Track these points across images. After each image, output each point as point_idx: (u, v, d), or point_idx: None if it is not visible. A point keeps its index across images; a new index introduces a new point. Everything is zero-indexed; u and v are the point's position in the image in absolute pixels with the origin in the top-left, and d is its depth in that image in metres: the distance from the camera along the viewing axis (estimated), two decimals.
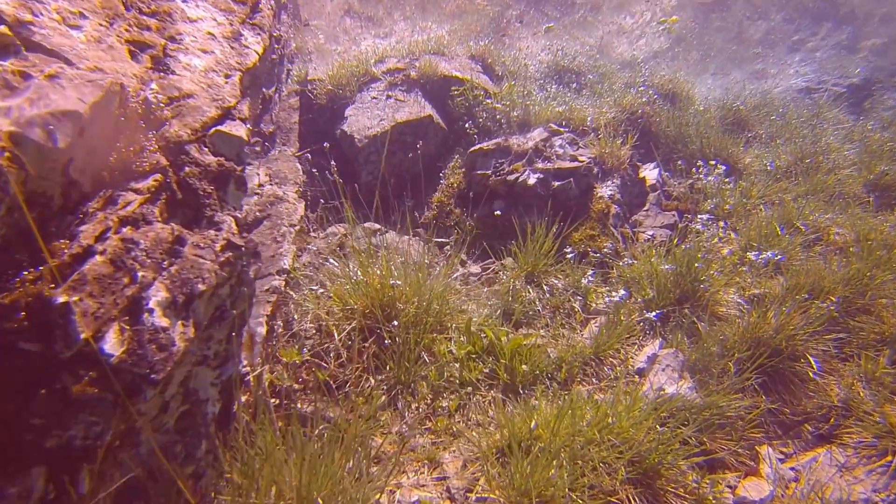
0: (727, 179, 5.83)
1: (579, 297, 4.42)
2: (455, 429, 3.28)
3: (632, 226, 5.21)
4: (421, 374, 3.55)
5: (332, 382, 3.41)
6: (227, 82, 2.52)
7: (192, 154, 2.11)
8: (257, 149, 4.76)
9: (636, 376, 3.64)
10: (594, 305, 4.35)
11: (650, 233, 5.01)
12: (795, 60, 10.33)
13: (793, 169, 6.35)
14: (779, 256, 4.47)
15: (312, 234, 5.18)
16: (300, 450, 2.34)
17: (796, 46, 10.25)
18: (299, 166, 5.02)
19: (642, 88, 6.82)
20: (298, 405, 3.30)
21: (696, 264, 4.11)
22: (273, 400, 3.33)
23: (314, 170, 5.89)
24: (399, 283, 3.77)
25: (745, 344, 3.58)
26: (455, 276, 4.17)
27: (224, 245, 2.09)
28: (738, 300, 4.09)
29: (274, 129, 5.10)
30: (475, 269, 4.87)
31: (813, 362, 3.48)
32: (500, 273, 4.67)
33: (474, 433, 3.19)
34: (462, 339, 3.77)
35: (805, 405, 3.38)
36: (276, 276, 3.96)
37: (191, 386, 2.01)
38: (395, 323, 3.62)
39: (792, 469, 3.10)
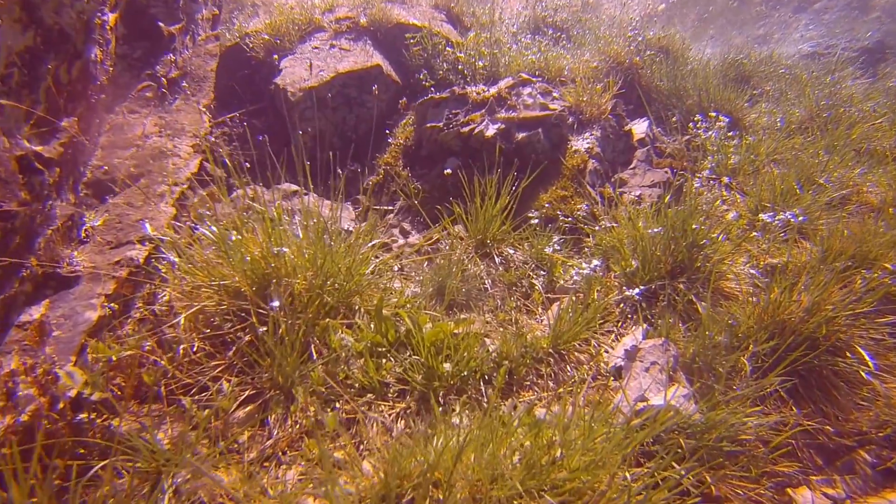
0: (731, 133, 4.55)
1: (543, 273, 3.21)
2: (339, 456, 2.10)
3: (614, 185, 3.96)
4: (310, 373, 2.37)
5: (167, 387, 2.24)
6: None
7: None
8: (147, 94, 3.59)
9: (611, 377, 2.42)
10: (561, 282, 3.13)
11: (637, 192, 3.76)
12: (801, 23, 8.90)
13: (808, 125, 5.04)
14: (800, 217, 3.21)
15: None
16: None
17: (803, 6, 8.81)
18: (205, 119, 3.84)
19: (631, 35, 5.53)
20: (116, 423, 2.14)
21: (694, 225, 2.88)
22: (83, 415, 2.17)
23: (244, 130, 4.75)
24: (286, 250, 2.59)
25: (765, 331, 2.34)
26: (372, 244, 2.97)
27: None
28: (752, 272, 2.84)
29: (179, 76, 3.92)
30: (416, 238, 3.67)
31: (866, 357, 2.24)
32: (443, 242, 3.45)
33: (366, 465, 2.01)
34: (371, 325, 2.58)
35: (858, 421, 2.15)
36: (136, 246, 2.79)
37: None
38: (276, 303, 2.45)
39: None
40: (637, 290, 2.68)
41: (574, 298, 2.77)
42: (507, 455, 1.72)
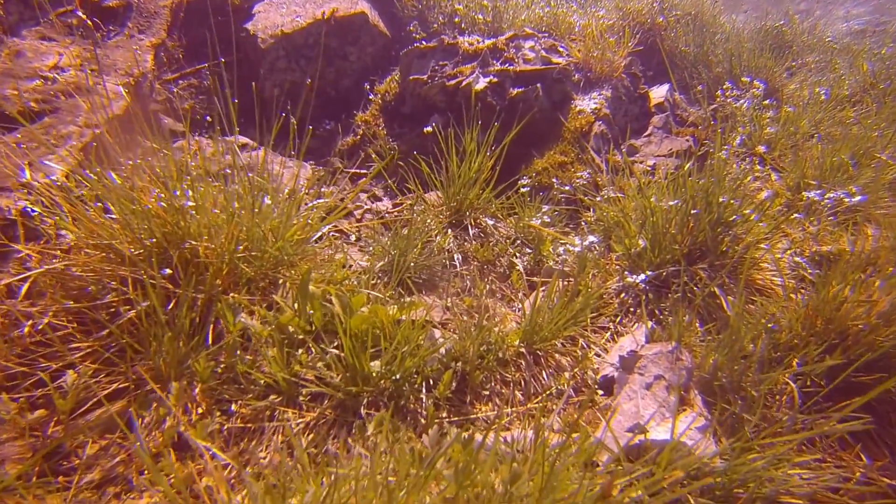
0: (767, 102, 3.77)
1: (529, 250, 2.53)
2: (209, 485, 1.47)
3: (624, 153, 3.23)
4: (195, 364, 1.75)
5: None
6: None
7: None
8: (70, 21, 2.96)
9: (598, 391, 1.75)
10: (550, 262, 2.44)
11: (651, 161, 3.03)
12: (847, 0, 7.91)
13: (860, 97, 4.22)
14: (857, 197, 2.47)
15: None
16: None
17: None
18: (148, 58, 3.21)
19: None
20: None
21: (722, 198, 2.16)
22: None
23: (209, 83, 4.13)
24: (190, 203, 1.96)
25: (818, 341, 1.64)
26: (312, 204, 2.31)
27: None
28: (798, 259, 2.12)
29: (119, 6, 3.29)
30: (383, 204, 3.01)
31: None
32: (414, 209, 2.79)
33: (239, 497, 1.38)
34: (296, 305, 1.94)
35: None
36: (11, 194, 2.19)
37: None
38: (167, 271, 1.83)
39: None
40: (643, 277, 1.99)
41: (561, 283, 2.09)
42: None
